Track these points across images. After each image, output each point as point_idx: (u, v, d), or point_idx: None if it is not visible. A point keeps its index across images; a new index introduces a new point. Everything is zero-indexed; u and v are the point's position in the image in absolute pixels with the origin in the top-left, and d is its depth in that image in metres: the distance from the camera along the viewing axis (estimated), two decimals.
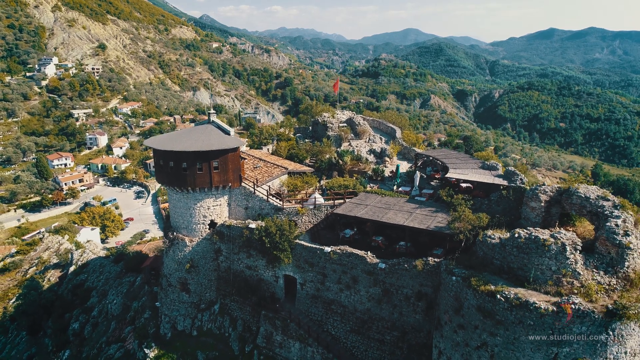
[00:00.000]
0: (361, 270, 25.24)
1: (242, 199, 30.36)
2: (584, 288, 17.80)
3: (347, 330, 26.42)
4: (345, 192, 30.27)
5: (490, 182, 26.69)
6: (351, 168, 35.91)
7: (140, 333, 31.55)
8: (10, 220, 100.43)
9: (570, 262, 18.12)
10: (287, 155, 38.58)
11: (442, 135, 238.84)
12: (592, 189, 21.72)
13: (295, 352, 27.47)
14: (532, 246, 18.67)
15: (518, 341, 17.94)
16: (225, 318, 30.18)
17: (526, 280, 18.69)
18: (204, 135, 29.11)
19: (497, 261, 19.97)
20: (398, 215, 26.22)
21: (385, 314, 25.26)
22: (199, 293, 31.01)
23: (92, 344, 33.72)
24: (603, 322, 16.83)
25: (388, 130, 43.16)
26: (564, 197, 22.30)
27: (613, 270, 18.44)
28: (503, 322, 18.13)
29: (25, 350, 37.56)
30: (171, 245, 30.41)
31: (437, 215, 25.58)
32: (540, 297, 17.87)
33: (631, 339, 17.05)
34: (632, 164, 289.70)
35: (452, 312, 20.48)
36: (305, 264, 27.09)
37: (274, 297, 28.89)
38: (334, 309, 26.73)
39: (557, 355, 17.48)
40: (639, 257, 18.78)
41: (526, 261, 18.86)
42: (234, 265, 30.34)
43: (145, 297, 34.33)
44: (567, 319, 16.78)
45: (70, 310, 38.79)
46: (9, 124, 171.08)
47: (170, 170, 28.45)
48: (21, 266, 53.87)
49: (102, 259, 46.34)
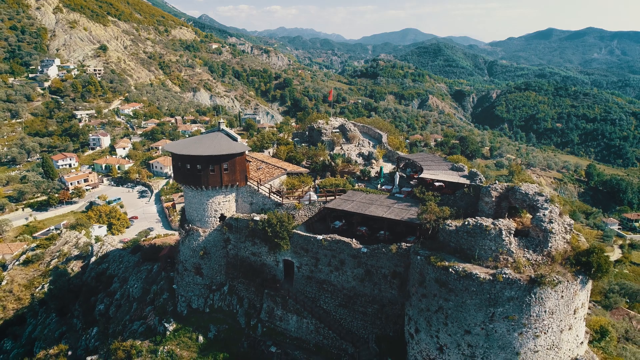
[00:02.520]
0: (347, 254, 30.42)
1: (247, 195, 35.53)
2: (515, 263, 23.03)
3: (336, 305, 31.63)
4: (335, 190, 35.42)
5: (456, 181, 31.89)
6: (342, 169, 41.02)
7: (160, 311, 36.70)
8: (19, 219, 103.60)
9: (506, 243, 23.35)
10: (286, 158, 43.68)
11: (438, 135, 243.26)
12: (532, 186, 26.95)
13: (293, 324, 32.68)
14: (477, 231, 23.89)
15: (465, 304, 23.17)
16: (233, 297, 35.40)
17: (472, 257, 23.91)
18: (215, 142, 34.25)
19: (452, 244, 25.19)
20: (379, 209, 31.38)
21: (367, 290, 30.46)
22: (211, 276, 36.22)
23: (117, 322, 38.85)
24: (527, 287, 22.06)
25: (376, 135, 48.32)
26: (510, 194, 27.55)
27: (540, 250, 23.68)
28: (454, 289, 23.35)
29: (57, 329, 42.63)
30: (187, 235, 35.57)
31: (411, 209, 30.73)
32: (482, 270, 23.09)
33: (549, 300, 22.28)
34: (627, 164, 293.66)
35: (417, 285, 25.71)
36: (301, 249, 32.27)
37: (275, 279, 34.09)
38: (325, 287, 31.93)
39: (494, 314, 22.71)
40: (561, 240, 24.06)
41: (473, 243, 24.08)
42: (240, 252, 35.54)
43: (163, 282, 39.47)
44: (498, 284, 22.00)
45: (95, 294, 43.89)
46: (13, 125, 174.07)
47: (186, 171, 33.60)
48: (43, 258, 58.99)
49: (120, 250, 51.48)
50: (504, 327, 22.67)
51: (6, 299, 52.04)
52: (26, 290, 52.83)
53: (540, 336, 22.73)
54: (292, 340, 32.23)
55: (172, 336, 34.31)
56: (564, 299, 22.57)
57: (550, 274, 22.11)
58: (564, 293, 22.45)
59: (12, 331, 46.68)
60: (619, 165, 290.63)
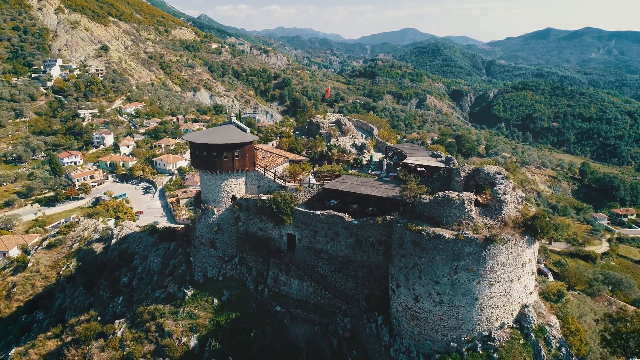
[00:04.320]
0: (341, 226, 35.96)
1: (255, 179, 41.06)
2: (474, 226, 28.60)
3: (331, 270, 37.19)
4: (331, 174, 40.96)
5: (434, 165, 37.49)
6: (338, 158, 46.60)
7: (179, 280, 42.15)
8: (28, 214, 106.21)
9: (467, 211, 28.91)
10: (288, 148, 49.21)
11: (435, 134, 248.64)
12: (493, 167, 32.56)
13: (295, 288, 38.24)
14: (445, 201, 29.45)
15: (434, 260, 28.74)
16: (243, 267, 40.92)
17: (441, 223, 29.49)
18: (228, 132, 39.77)
19: (426, 213, 30.76)
20: (368, 189, 36.92)
21: (357, 257, 36.01)
22: (224, 249, 41.75)
23: (140, 291, 44.26)
24: (483, 244, 27.63)
25: (368, 129, 53.84)
26: (476, 174, 33.14)
27: (495, 216, 29.26)
28: (426, 248, 28.91)
29: (85, 300, 48.04)
30: (203, 214, 41.07)
31: (395, 189, 36.22)
32: (448, 232, 28.67)
33: (500, 255, 27.86)
34: (622, 162, 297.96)
35: (398, 247, 31.28)
36: (302, 224, 37.80)
37: (279, 250, 39.62)
38: (322, 256, 37.49)
39: (457, 267, 28.29)
40: (513, 209, 29.64)
41: (442, 211, 29.65)
42: (249, 228, 41.08)
43: (181, 256, 44.89)
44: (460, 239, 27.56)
45: (118, 269, 49.21)
46: (17, 124, 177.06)
47: (203, 158, 39.10)
48: (65, 243, 64.37)
49: (139, 233, 56.83)
50: (465, 278, 28.24)
51: (34, 278, 57.47)
52: (52, 270, 58.26)
53: (494, 285, 28.32)
54: (294, 301, 37.78)
55: (190, 300, 39.81)
56: (513, 254, 28.17)
57: (501, 234, 27.71)
58: (512, 249, 28.04)
59: (43, 304, 52.14)
60: (614, 163, 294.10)
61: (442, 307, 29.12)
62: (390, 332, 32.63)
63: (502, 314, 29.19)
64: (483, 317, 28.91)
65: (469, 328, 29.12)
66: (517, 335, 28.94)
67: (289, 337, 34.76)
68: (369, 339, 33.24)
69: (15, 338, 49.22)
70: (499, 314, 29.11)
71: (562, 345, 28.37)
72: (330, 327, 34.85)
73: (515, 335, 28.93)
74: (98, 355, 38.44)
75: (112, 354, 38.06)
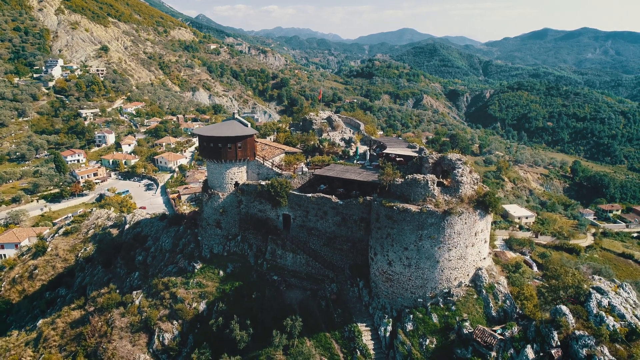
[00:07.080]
0: (329, 207, 42.10)
1: (255, 167, 47.17)
2: (436, 202, 34.79)
3: (321, 245, 43.35)
4: (322, 164, 47.09)
5: (409, 154, 43.69)
6: (328, 150, 52.71)
7: (189, 256, 48.21)
8: (34, 209, 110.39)
9: (430, 190, 35.11)
10: (284, 142, 55.34)
11: (430, 133, 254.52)
12: (455, 155, 38.75)
13: (289, 260, 44.39)
14: (413, 182, 35.64)
15: (403, 230, 34.93)
16: (245, 244, 47.06)
17: (409, 200, 35.67)
18: (232, 127, 45.88)
19: (398, 193, 36.95)
20: (353, 175, 43.08)
21: (343, 232, 42.16)
22: (228, 229, 47.87)
23: (154, 267, 50.21)
24: (442, 216, 33.83)
25: (356, 125, 60.04)
26: (442, 160, 39.35)
27: (454, 194, 35.47)
28: (396, 220, 35.09)
29: (104, 276, 53.99)
30: (209, 198, 47.14)
31: (375, 175, 42.34)
32: (414, 206, 34.84)
33: (456, 225, 34.08)
34: (615, 161, 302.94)
35: (375, 221, 37.47)
36: (295, 205, 43.94)
37: (276, 228, 45.76)
38: (313, 232, 43.64)
39: (422, 235, 34.48)
40: (469, 188, 35.85)
41: (410, 190, 35.84)
42: (250, 210, 47.21)
43: (189, 236, 50.99)
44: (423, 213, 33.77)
45: (133, 249, 55.18)
46: (20, 123, 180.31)
47: (210, 149, 45.18)
48: (80, 230, 70.31)
49: (150, 219, 62.86)
50: (428, 244, 34.45)
51: (54, 260, 63.37)
52: (70, 253, 64.20)
53: (452, 250, 34.54)
54: (289, 272, 43.92)
55: (199, 272, 45.91)
56: (467, 224, 34.40)
57: (457, 207, 33.94)
58: (466, 220, 34.27)
59: (65, 282, 58.09)
60: (607, 162, 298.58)
61: (410, 269, 35.33)
62: (369, 294, 38.85)
63: (459, 274, 35.43)
64: (444, 277, 35.14)
65: (432, 286, 35.34)
66: (472, 292, 35.17)
67: (285, 300, 40.84)
68: (351, 299, 39.46)
69: (41, 311, 55.12)
70: (457, 275, 35.35)
71: (507, 298, 34.61)
72: (320, 292, 40.98)
73: (470, 292, 35.15)
74: (119, 320, 44.41)
75: (132, 319, 44.07)
